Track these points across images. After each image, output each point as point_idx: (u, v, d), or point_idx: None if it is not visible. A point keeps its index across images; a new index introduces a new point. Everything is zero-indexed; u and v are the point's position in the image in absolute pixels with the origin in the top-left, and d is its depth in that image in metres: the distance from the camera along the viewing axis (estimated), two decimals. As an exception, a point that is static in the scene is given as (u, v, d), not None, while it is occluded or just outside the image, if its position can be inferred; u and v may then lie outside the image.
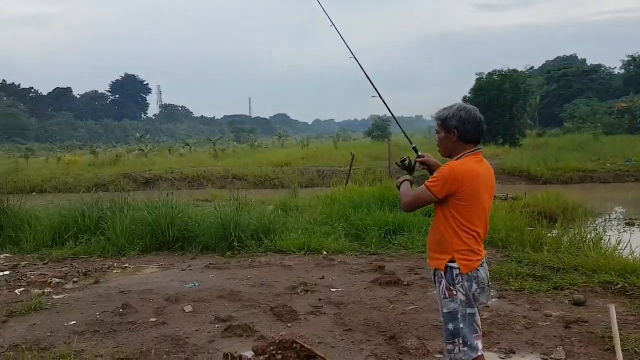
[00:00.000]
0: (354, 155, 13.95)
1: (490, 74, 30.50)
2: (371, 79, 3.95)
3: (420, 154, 3.33)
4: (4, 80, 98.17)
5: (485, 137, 25.40)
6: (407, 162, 3.34)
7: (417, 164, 3.29)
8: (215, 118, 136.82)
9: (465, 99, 30.45)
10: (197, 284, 6.18)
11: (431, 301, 5.30)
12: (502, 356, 4.07)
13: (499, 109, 28.92)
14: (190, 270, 7.00)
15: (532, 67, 58.66)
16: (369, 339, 4.40)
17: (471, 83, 31.38)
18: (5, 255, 8.36)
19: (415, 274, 6.35)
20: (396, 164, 3.43)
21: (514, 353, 4.12)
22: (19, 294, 6.11)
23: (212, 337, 4.53)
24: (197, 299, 5.58)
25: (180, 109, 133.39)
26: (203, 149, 41.33)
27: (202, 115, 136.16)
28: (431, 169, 3.21)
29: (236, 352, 4.04)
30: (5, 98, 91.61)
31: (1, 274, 7.05)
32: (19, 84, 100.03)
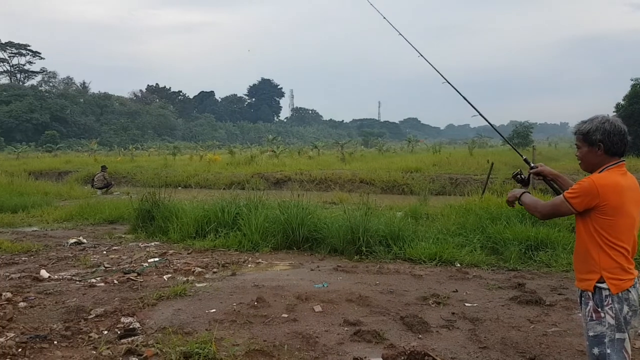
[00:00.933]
0: (492, 164, 13.27)
1: (648, 80, 27.33)
2: (472, 101, 3.92)
3: (533, 164, 3.22)
4: (156, 84, 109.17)
5: (640, 148, 22.43)
6: (520, 175, 3.25)
7: (532, 176, 3.23)
8: (344, 121, 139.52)
9: (618, 107, 27.61)
10: (325, 285, 6.25)
11: (576, 324, 4.84)
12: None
13: (656, 118, 25.85)
14: (319, 270, 7.11)
15: (699, 72, 51.70)
16: (505, 359, 4.12)
17: (625, 89, 28.41)
18: (155, 243, 9.18)
19: (559, 294, 5.84)
20: (512, 176, 3.31)
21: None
22: (166, 279, 6.65)
23: (341, 339, 4.52)
24: (326, 299, 5.63)
25: (310, 112, 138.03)
26: (331, 152, 42.17)
27: (331, 119, 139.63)
28: (546, 177, 3.16)
29: (365, 357, 4.00)
30: (157, 100, 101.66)
31: (152, 260, 7.73)
32: (170, 87, 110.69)
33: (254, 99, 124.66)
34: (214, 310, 5.30)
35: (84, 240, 9.44)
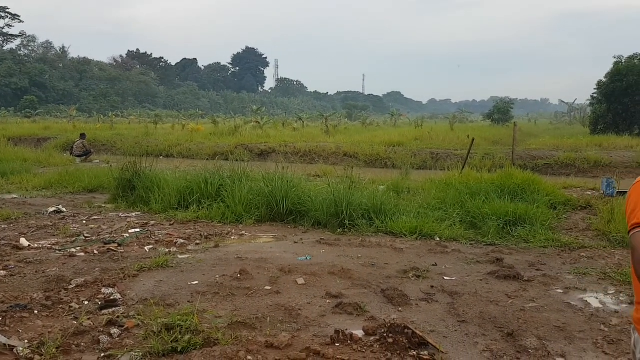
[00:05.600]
0: (473, 139, 13.36)
1: (631, 58, 27.50)
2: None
3: None
4: (137, 49, 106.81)
5: (619, 126, 23.01)
6: None
7: None
8: (328, 93, 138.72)
9: (600, 84, 27.87)
10: (308, 258, 6.30)
11: (553, 300, 4.97)
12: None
13: (637, 96, 26.15)
14: (302, 243, 7.15)
15: (680, 51, 52.13)
16: (484, 333, 4.21)
17: (608, 66, 28.64)
18: (137, 213, 9.11)
19: (537, 270, 5.97)
20: None
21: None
22: (147, 250, 6.62)
23: (323, 312, 4.58)
24: (309, 272, 5.68)
25: (295, 83, 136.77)
26: (315, 124, 41.96)
27: (316, 90, 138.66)
28: None
29: (347, 330, 4.06)
30: (138, 66, 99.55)
31: (133, 230, 7.69)
32: (151, 54, 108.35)
33: (237, 68, 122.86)
34: (196, 282, 5.31)
35: (64, 209, 9.34)
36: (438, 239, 7.37)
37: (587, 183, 11.49)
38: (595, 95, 29.01)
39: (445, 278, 5.62)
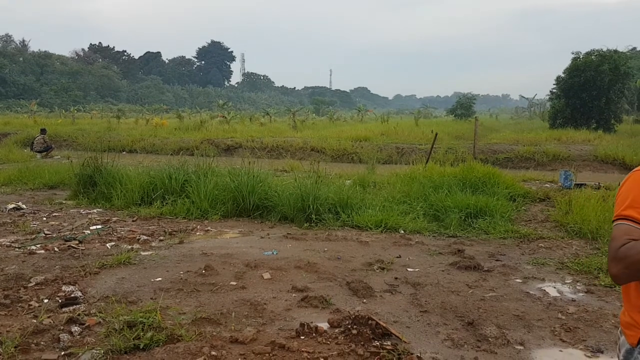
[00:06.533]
0: (436, 134, 13.55)
1: (588, 54, 28.35)
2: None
3: None
4: (99, 43, 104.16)
5: (577, 120, 23.68)
6: None
7: None
8: (296, 88, 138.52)
9: (558, 79, 28.63)
10: (275, 252, 6.31)
11: (512, 289, 5.12)
12: (589, 354, 3.84)
13: (594, 91, 27.00)
14: (269, 238, 7.15)
15: (635, 48, 53.86)
16: (445, 323, 4.31)
17: (566, 62, 29.47)
18: (98, 210, 8.93)
19: (496, 260, 6.13)
20: None
21: (602, 352, 3.87)
22: (109, 247, 6.51)
23: (288, 305, 4.60)
24: (275, 267, 5.69)
25: (262, 77, 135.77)
26: (282, 119, 41.85)
27: (283, 85, 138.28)
28: None
29: (312, 323, 4.09)
30: (100, 60, 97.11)
31: (94, 227, 7.54)
32: (113, 47, 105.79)
33: (203, 62, 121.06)
34: (160, 278, 5.25)
35: (23, 206, 9.08)
36: (402, 231, 7.48)
37: (546, 176, 11.82)
38: (554, 91, 29.82)
39: (409, 270, 5.72)
